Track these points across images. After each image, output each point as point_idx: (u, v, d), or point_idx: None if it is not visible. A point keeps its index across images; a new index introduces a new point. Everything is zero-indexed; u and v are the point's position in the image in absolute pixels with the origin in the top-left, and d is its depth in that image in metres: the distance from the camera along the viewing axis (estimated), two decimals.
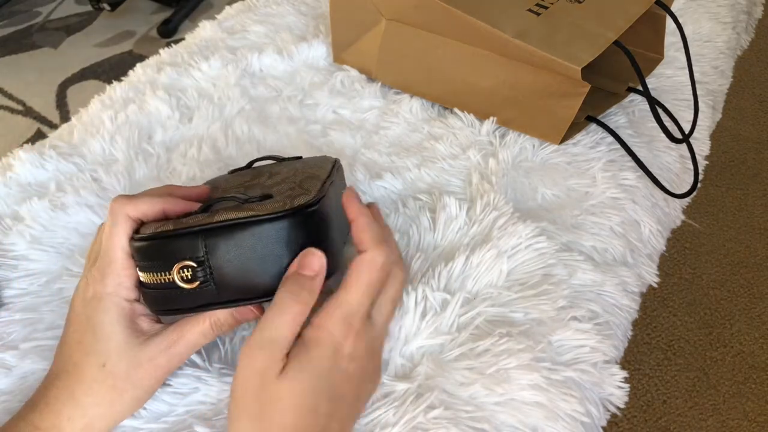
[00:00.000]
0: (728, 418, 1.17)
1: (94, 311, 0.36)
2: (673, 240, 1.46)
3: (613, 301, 0.48)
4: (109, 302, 0.36)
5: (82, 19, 2.19)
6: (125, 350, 0.36)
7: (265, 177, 0.42)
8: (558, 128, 0.57)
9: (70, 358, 0.36)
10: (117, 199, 0.37)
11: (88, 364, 0.36)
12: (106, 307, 0.36)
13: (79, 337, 0.36)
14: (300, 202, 0.35)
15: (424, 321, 0.43)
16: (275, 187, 0.39)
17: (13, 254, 0.50)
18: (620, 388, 0.44)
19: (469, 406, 0.40)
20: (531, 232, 0.49)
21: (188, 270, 0.34)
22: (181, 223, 0.34)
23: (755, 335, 1.30)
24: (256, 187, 0.40)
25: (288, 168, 0.44)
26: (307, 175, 0.40)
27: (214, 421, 0.39)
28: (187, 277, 0.34)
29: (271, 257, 0.34)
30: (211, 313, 0.37)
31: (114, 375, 0.35)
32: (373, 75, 0.66)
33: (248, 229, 0.33)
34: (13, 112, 1.80)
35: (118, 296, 0.36)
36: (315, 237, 0.35)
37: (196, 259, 0.34)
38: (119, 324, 0.36)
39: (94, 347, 0.36)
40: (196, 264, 0.34)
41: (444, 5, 0.54)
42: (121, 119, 0.62)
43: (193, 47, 0.74)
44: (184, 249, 0.34)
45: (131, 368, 0.36)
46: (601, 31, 0.54)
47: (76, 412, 0.35)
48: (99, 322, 0.36)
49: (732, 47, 0.81)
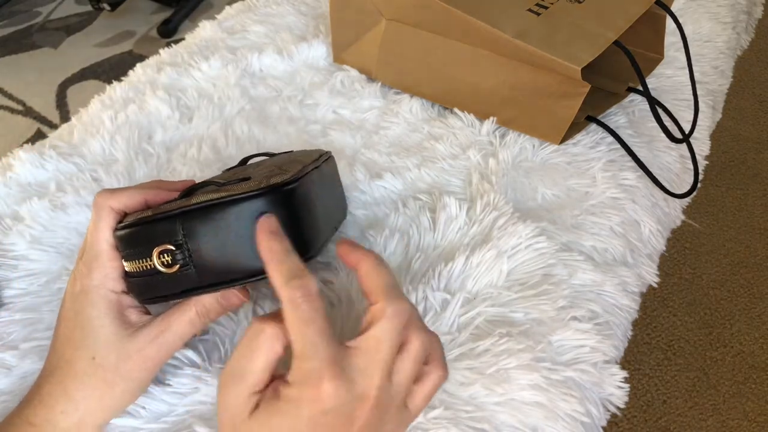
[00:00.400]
0: (728, 418, 1.17)
1: (81, 306, 0.36)
2: (673, 240, 1.46)
3: (613, 301, 0.48)
4: (95, 295, 0.36)
5: (82, 19, 2.19)
6: (113, 342, 0.36)
7: (251, 168, 0.42)
8: (558, 128, 0.57)
9: (63, 355, 0.36)
10: (100, 193, 0.37)
11: (78, 358, 0.36)
12: (93, 300, 0.36)
13: (69, 333, 0.36)
14: (276, 181, 0.34)
15: (424, 321, 0.43)
16: (257, 172, 0.38)
17: (13, 254, 0.50)
18: (620, 388, 0.44)
19: (469, 406, 0.40)
20: (531, 232, 0.49)
21: (167, 254, 0.33)
22: (159, 209, 0.34)
23: (755, 335, 1.30)
24: (239, 175, 0.40)
25: (277, 159, 0.44)
26: (291, 160, 0.40)
27: (213, 421, 0.39)
28: (167, 261, 0.34)
29: (249, 237, 0.33)
30: (197, 300, 0.37)
31: (104, 368, 0.35)
32: (373, 75, 0.66)
33: (224, 210, 0.33)
34: (13, 112, 1.80)
35: (105, 288, 0.36)
36: (293, 217, 0.34)
37: (175, 242, 0.33)
38: (107, 317, 0.36)
39: (84, 342, 0.36)
40: (174, 247, 0.33)
41: (444, 5, 0.54)
42: (121, 119, 0.62)
43: (193, 47, 0.74)
44: (162, 233, 0.34)
45: (120, 360, 0.36)
46: (601, 31, 0.54)
47: (69, 407, 0.35)
48: (87, 317, 0.36)
49: (732, 47, 0.81)
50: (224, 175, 0.43)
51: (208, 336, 0.44)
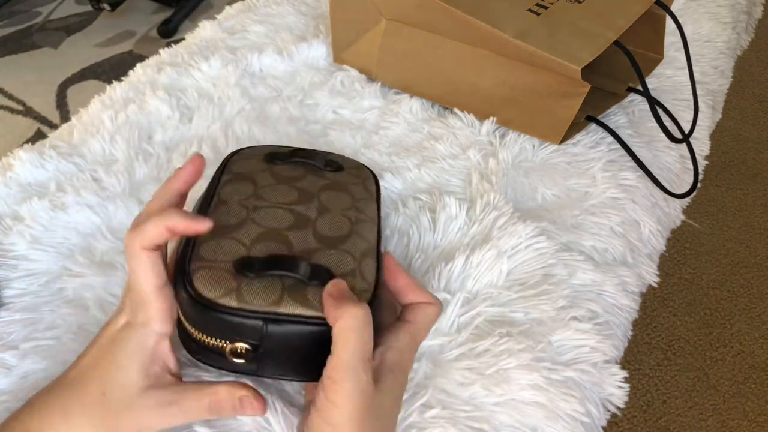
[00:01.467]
0: (728, 418, 1.17)
1: (119, 337, 0.36)
2: (673, 240, 1.46)
3: (613, 301, 0.48)
4: (135, 333, 0.36)
5: (82, 19, 2.18)
6: (128, 389, 0.35)
7: (314, 207, 0.41)
8: (558, 128, 0.57)
9: (83, 376, 0.36)
10: (127, 235, 0.35)
11: (93, 386, 0.35)
12: (130, 336, 0.36)
13: (97, 358, 0.36)
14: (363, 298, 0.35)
15: None
16: (329, 251, 0.38)
17: (13, 254, 0.50)
18: (620, 388, 0.44)
19: (467, 405, 0.40)
20: (531, 232, 0.49)
21: (242, 350, 0.34)
22: (244, 301, 0.34)
23: (755, 335, 1.30)
24: (306, 227, 0.39)
25: (334, 196, 0.42)
26: (360, 240, 0.39)
27: (214, 422, 0.39)
28: (239, 353, 0.34)
29: (321, 353, 0.33)
30: (216, 392, 0.36)
31: (108, 408, 0.35)
32: (373, 75, 0.66)
33: (309, 328, 0.34)
34: (13, 112, 1.80)
35: (149, 328, 0.36)
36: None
37: (252, 342, 0.34)
38: (135, 361, 0.35)
39: (104, 374, 0.35)
40: (250, 347, 0.34)
41: (444, 5, 0.54)
42: (121, 119, 0.62)
43: (193, 47, 0.74)
44: (243, 330, 0.34)
45: (123, 408, 0.35)
46: (601, 31, 0.54)
47: (62, 426, 0.35)
48: (118, 351, 0.36)
49: (732, 47, 0.81)
50: (278, 193, 0.41)
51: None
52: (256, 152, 0.46)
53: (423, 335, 0.37)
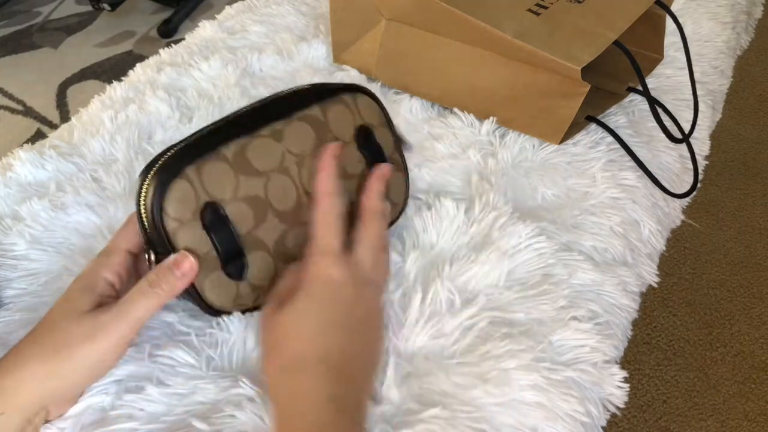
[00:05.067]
0: (728, 418, 1.17)
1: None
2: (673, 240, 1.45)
3: (613, 301, 0.48)
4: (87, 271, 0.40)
5: (82, 19, 2.18)
6: (74, 310, 0.38)
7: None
8: (558, 128, 0.57)
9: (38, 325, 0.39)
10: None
11: (46, 320, 0.39)
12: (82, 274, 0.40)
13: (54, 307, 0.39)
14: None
15: (424, 321, 0.43)
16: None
17: (13, 254, 0.50)
18: (620, 388, 0.44)
19: (468, 406, 0.40)
20: (531, 232, 0.49)
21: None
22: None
23: (755, 335, 1.30)
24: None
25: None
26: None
27: (212, 419, 0.39)
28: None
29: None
30: (148, 274, 0.39)
31: (56, 331, 0.38)
32: (373, 75, 0.66)
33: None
34: (13, 112, 1.80)
35: (99, 273, 0.40)
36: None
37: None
38: (85, 288, 0.39)
39: (56, 308, 0.39)
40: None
41: (444, 5, 0.54)
42: (121, 119, 0.62)
43: (193, 47, 0.74)
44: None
45: (71, 324, 0.38)
46: (601, 31, 0.54)
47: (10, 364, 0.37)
48: (70, 289, 0.39)
49: (732, 47, 0.81)
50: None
51: (204, 337, 0.44)
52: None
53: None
